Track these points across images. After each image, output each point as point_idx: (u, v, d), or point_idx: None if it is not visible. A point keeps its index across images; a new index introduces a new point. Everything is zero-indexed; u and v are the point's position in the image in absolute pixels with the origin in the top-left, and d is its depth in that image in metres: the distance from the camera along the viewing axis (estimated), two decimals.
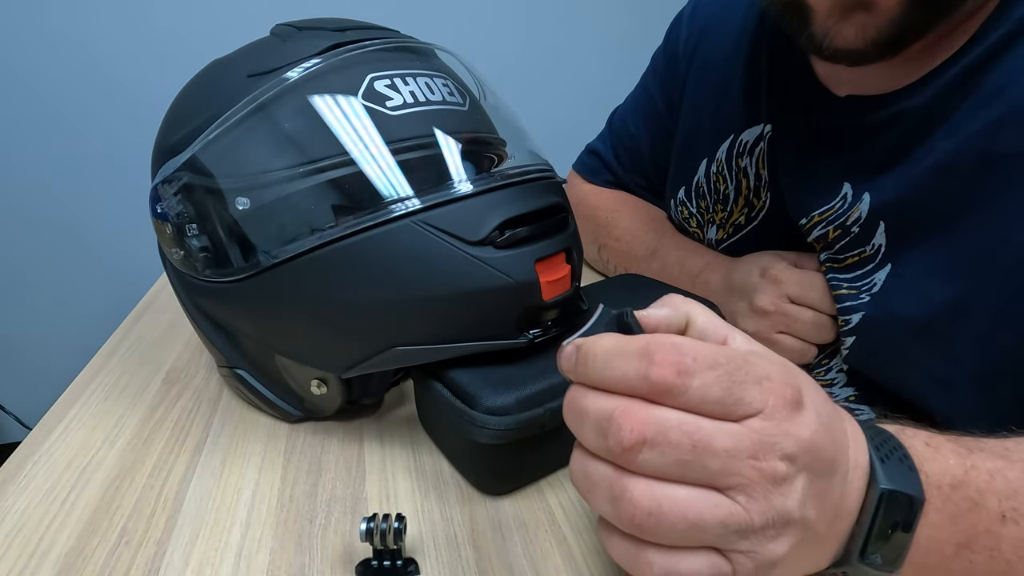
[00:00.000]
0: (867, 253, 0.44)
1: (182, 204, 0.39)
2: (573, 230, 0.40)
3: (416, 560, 0.32)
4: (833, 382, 0.50)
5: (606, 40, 1.61)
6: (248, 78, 0.37)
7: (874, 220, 0.43)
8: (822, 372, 0.51)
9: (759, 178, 0.54)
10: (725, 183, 0.58)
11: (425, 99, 0.38)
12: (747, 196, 0.56)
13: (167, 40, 1.33)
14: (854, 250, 0.45)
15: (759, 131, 0.53)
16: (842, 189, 0.45)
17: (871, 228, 0.43)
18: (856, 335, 0.44)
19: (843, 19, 0.38)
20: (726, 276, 0.53)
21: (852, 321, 0.44)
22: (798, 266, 0.49)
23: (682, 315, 0.27)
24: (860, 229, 0.44)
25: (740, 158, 0.56)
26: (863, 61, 0.40)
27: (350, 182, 0.35)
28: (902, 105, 0.41)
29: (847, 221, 0.45)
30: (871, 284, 0.44)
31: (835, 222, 0.45)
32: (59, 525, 0.35)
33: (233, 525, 0.35)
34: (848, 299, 0.44)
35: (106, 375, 0.51)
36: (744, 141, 0.55)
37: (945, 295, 0.40)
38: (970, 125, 0.38)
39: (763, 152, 0.53)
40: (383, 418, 0.45)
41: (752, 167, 0.54)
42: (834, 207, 0.45)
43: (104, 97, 1.34)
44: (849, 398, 0.49)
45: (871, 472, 0.25)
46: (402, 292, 0.34)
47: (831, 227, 0.46)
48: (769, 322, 0.48)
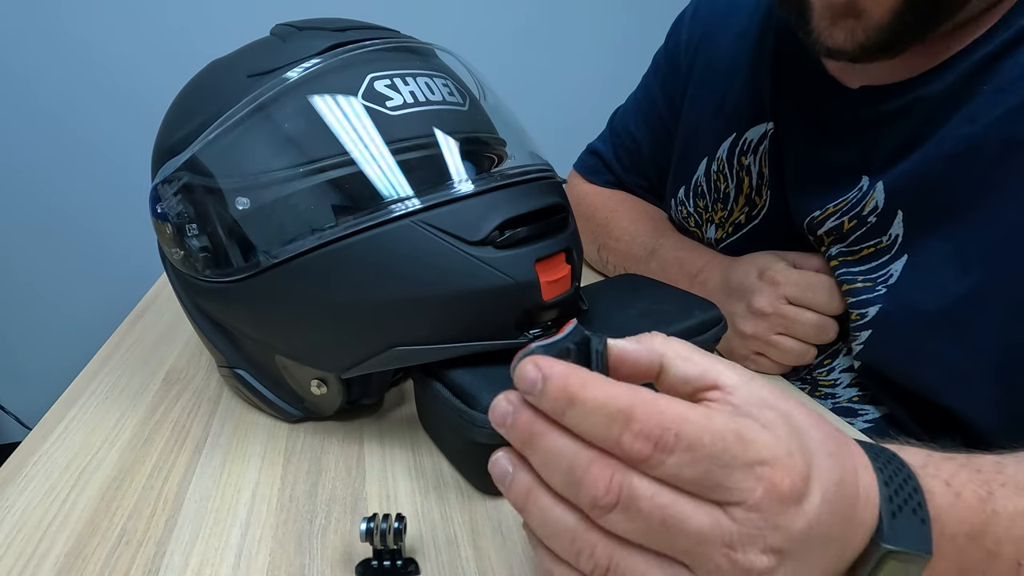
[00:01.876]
0: (883, 244, 0.44)
1: (182, 204, 0.39)
2: (573, 230, 0.40)
3: (416, 560, 0.32)
4: (836, 382, 0.50)
5: (606, 40, 1.61)
6: (248, 78, 0.37)
7: (891, 209, 0.43)
8: (824, 372, 0.51)
9: (761, 176, 0.54)
10: (726, 181, 0.58)
11: (425, 99, 0.38)
12: (748, 195, 0.56)
13: (167, 40, 1.33)
14: (870, 240, 0.44)
15: (763, 130, 0.53)
16: (859, 179, 0.45)
17: (888, 217, 0.43)
18: (872, 328, 0.44)
19: (834, 23, 0.39)
20: (724, 277, 0.53)
21: (868, 315, 0.44)
22: (797, 266, 0.48)
23: (655, 360, 0.24)
24: (877, 219, 0.44)
25: (743, 156, 0.56)
26: (859, 59, 0.40)
27: (350, 182, 0.35)
28: (918, 92, 0.42)
29: (863, 211, 0.44)
30: (887, 275, 0.43)
31: (850, 212, 0.45)
32: (59, 525, 0.35)
33: (233, 525, 0.35)
34: (863, 292, 0.44)
35: (106, 375, 0.51)
36: (748, 139, 0.55)
37: (962, 285, 0.40)
38: (991, 111, 0.38)
39: (765, 150, 0.53)
40: (383, 418, 0.45)
41: (756, 165, 0.54)
42: (849, 198, 0.45)
43: (104, 97, 1.34)
44: (853, 398, 0.49)
45: (878, 528, 0.23)
46: (402, 292, 0.34)
47: (846, 218, 0.45)
48: (768, 323, 0.48)
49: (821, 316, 0.47)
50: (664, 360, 0.24)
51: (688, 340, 0.41)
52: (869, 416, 0.48)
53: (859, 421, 0.49)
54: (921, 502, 0.23)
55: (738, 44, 0.56)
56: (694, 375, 0.23)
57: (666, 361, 0.24)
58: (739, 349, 0.51)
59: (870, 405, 0.49)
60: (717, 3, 0.61)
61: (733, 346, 0.51)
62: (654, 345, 0.24)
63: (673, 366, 0.24)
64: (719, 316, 0.45)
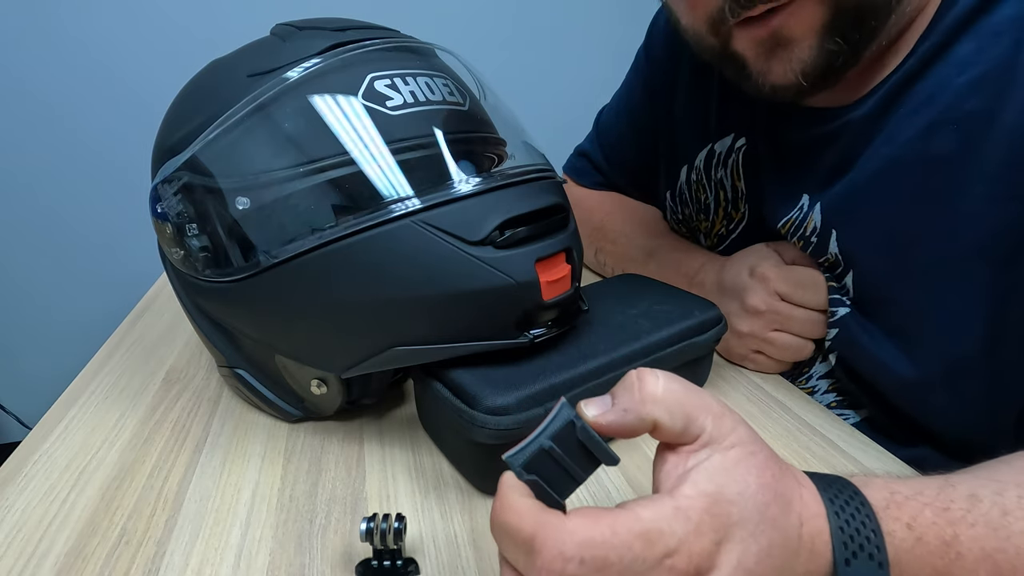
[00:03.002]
0: (830, 260, 0.45)
1: (182, 204, 0.39)
2: (573, 230, 0.40)
3: (416, 560, 0.32)
4: (815, 389, 0.51)
5: (606, 40, 1.61)
6: (248, 78, 0.37)
7: (827, 230, 0.45)
8: (803, 380, 0.51)
9: (735, 190, 0.55)
10: (705, 193, 0.59)
11: (425, 99, 0.38)
12: (725, 208, 0.57)
13: (167, 40, 1.33)
14: (819, 258, 0.46)
15: (730, 142, 0.55)
16: (800, 199, 0.47)
17: (825, 238, 0.45)
18: (839, 327, 0.45)
19: (769, 58, 0.40)
20: (719, 277, 0.53)
21: (837, 314, 0.45)
22: (786, 260, 0.49)
23: (647, 423, 0.24)
24: (817, 239, 0.45)
25: (715, 169, 0.57)
26: (802, 95, 0.42)
27: (350, 182, 0.35)
28: (847, 117, 0.44)
29: (805, 231, 0.46)
30: (846, 288, 0.45)
31: (796, 233, 0.47)
32: (59, 525, 0.35)
33: (233, 525, 0.35)
34: (834, 292, 0.46)
35: (106, 375, 0.51)
36: (718, 152, 0.56)
37: (906, 299, 0.41)
38: (906, 131, 0.40)
39: (736, 164, 0.54)
40: (383, 418, 0.45)
41: (728, 178, 0.56)
42: (792, 218, 0.47)
43: (104, 97, 1.34)
44: (831, 404, 0.49)
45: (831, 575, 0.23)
46: (402, 292, 0.34)
47: (794, 237, 0.47)
48: (763, 321, 0.48)
49: (812, 311, 0.47)
50: (656, 421, 0.24)
51: (688, 340, 0.42)
52: (850, 420, 0.48)
53: None
54: (880, 545, 0.23)
55: None
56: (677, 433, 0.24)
57: (658, 422, 0.24)
58: (737, 348, 0.51)
59: (849, 409, 0.49)
60: None
61: (731, 346, 0.51)
62: (643, 411, 0.24)
63: (664, 427, 0.24)
64: (719, 316, 0.45)
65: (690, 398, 0.24)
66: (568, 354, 0.38)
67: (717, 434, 0.24)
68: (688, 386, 0.24)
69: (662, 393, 0.24)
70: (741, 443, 0.24)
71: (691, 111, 0.59)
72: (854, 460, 0.41)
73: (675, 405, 0.24)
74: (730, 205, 0.56)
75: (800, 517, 0.23)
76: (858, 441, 0.43)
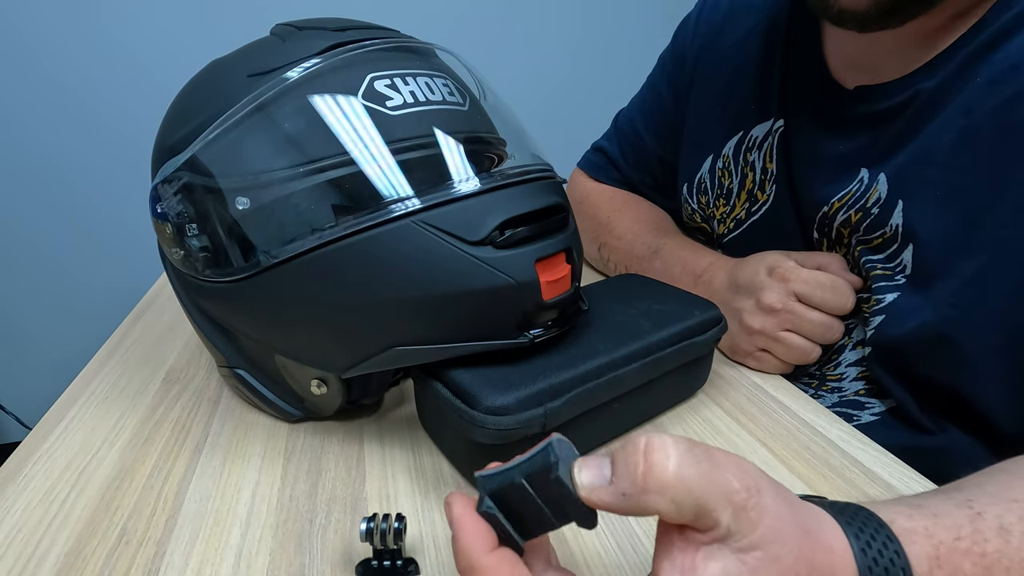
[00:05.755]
0: (888, 234, 0.45)
1: (182, 204, 0.39)
2: (573, 230, 0.40)
3: (416, 560, 0.32)
4: (843, 376, 0.51)
5: (605, 40, 1.61)
6: (248, 78, 0.37)
7: (893, 200, 0.45)
8: (831, 367, 0.51)
9: (765, 172, 0.56)
10: (730, 178, 0.59)
11: (425, 99, 0.38)
12: (750, 190, 0.58)
13: (167, 40, 1.33)
14: (877, 231, 0.46)
15: (769, 126, 0.55)
16: (858, 173, 0.47)
17: (889, 208, 0.45)
18: (886, 314, 0.45)
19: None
20: (731, 275, 0.53)
21: (885, 300, 0.45)
22: (805, 265, 0.49)
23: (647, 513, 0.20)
24: (879, 210, 0.45)
25: (748, 152, 0.57)
26: (867, 24, 0.41)
27: (350, 182, 0.35)
28: (914, 88, 0.43)
29: (867, 203, 0.46)
30: (902, 265, 0.45)
31: (855, 205, 0.47)
32: (59, 525, 0.35)
33: (233, 525, 0.35)
34: (883, 279, 0.46)
35: (106, 375, 0.51)
36: (754, 136, 0.57)
37: (968, 268, 0.41)
38: (986, 102, 0.40)
39: (771, 146, 0.55)
40: (383, 418, 0.45)
41: (760, 161, 0.56)
42: (851, 191, 0.47)
43: (104, 97, 1.34)
44: (859, 391, 0.50)
45: None
46: (402, 292, 0.34)
47: (852, 211, 0.47)
48: (776, 320, 0.48)
49: (828, 316, 0.47)
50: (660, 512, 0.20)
51: (688, 340, 0.42)
52: (875, 409, 0.49)
53: (865, 414, 0.49)
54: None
55: (745, 44, 0.58)
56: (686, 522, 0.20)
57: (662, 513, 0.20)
58: (744, 345, 0.51)
59: (875, 399, 0.49)
60: (721, 5, 0.63)
61: (738, 343, 0.51)
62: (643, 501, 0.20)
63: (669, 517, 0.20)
64: (719, 316, 0.45)
65: (705, 486, 0.20)
66: (568, 354, 0.38)
67: (736, 530, 0.20)
68: (706, 467, 0.20)
69: (672, 479, 0.20)
70: (764, 544, 0.20)
71: (725, 102, 0.60)
72: (854, 460, 0.41)
73: (684, 495, 0.20)
74: (756, 187, 0.57)
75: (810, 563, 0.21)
76: (858, 441, 0.43)
